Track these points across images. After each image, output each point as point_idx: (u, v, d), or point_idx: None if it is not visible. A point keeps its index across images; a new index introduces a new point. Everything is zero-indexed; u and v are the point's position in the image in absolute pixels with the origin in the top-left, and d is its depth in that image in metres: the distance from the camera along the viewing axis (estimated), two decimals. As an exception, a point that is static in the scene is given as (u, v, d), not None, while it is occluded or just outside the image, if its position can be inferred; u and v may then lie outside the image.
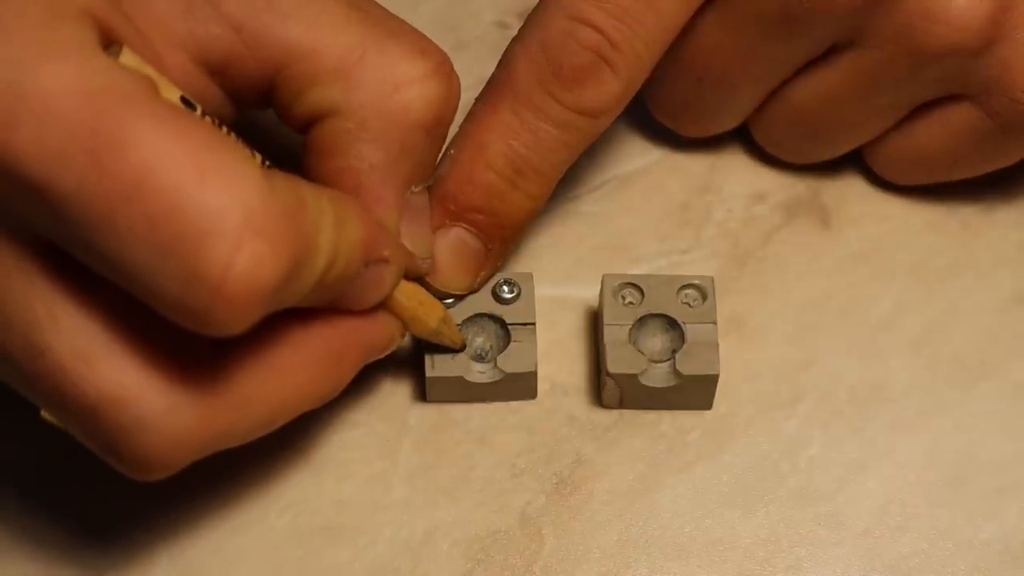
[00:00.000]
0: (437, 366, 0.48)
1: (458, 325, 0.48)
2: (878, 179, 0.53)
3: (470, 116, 0.48)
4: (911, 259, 0.52)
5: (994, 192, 0.53)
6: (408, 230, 0.45)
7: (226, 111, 0.44)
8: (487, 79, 0.48)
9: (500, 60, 0.48)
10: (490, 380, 0.48)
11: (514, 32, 0.48)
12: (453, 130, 0.48)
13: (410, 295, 0.45)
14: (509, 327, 0.48)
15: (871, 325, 0.51)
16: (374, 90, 0.42)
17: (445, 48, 0.44)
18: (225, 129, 0.40)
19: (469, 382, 0.48)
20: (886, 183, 0.53)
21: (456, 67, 0.44)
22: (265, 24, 0.42)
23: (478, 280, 0.48)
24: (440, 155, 0.46)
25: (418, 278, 0.46)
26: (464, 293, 0.48)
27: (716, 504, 0.48)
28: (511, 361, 0.48)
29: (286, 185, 0.38)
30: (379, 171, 0.43)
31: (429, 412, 0.49)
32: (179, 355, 0.39)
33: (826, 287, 0.52)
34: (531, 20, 0.47)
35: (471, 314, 0.48)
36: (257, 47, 0.42)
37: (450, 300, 0.48)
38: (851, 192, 0.53)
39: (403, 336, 0.46)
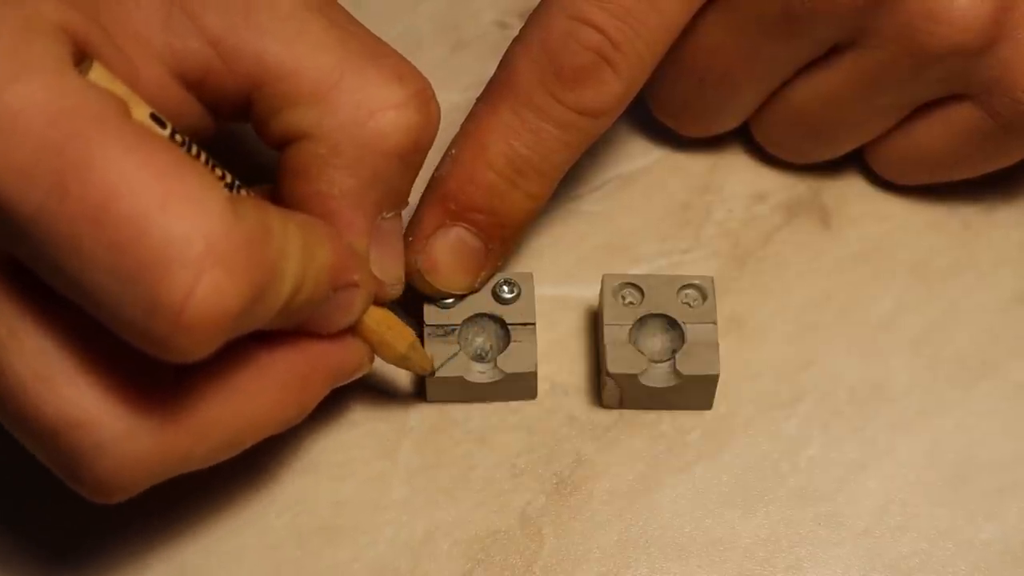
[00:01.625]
0: (437, 366, 0.48)
1: (458, 325, 0.48)
2: (878, 179, 0.53)
3: (471, 116, 0.48)
4: (912, 259, 0.52)
5: (995, 192, 0.53)
6: (378, 256, 0.44)
7: (204, 124, 0.43)
8: (487, 79, 0.48)
9: (501, 60, 0.48)
10: (490, 380, 0.48)
11: (514, 32, 0.48)
12: (453, 131, 0.48)
13: (379, 320, 0.45)
14: (509, 327, 0.48)
15: (871, 325, 0.51)
16: (349, 115, 0.42)
17: (445, 48, 0.44)
18: (195, 149, 0.40)
19: (469, 382, 0.48)
20: (886, 183, 0.53)
21: (456, 67, 0.44)
22: (243, 40, 0.41)
23: (478, 280, 0.48)
24: (415, 177, 0.46)
25: (390, 303, 0.46)
26: (464, 293, 0.48)
27: (716, 504, 0.48)
28: (511, 361, 0.48)
29: (252, 212, 0.38)
30: (350, 197, 0.43)
31: (429, 412, 0.49)
32: (139, 378, 0.39)
33: (826, 287, 0.52)
34: (532, 20, 0.47)
35: (471, 314, 0.48)
36: (234, 63, 0.42)
37: (450, 300, 0.48)
38: (851, 192, 0.53)
39: (371, 361, 0.46)
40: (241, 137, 0.47)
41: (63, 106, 0.36)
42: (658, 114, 0.53)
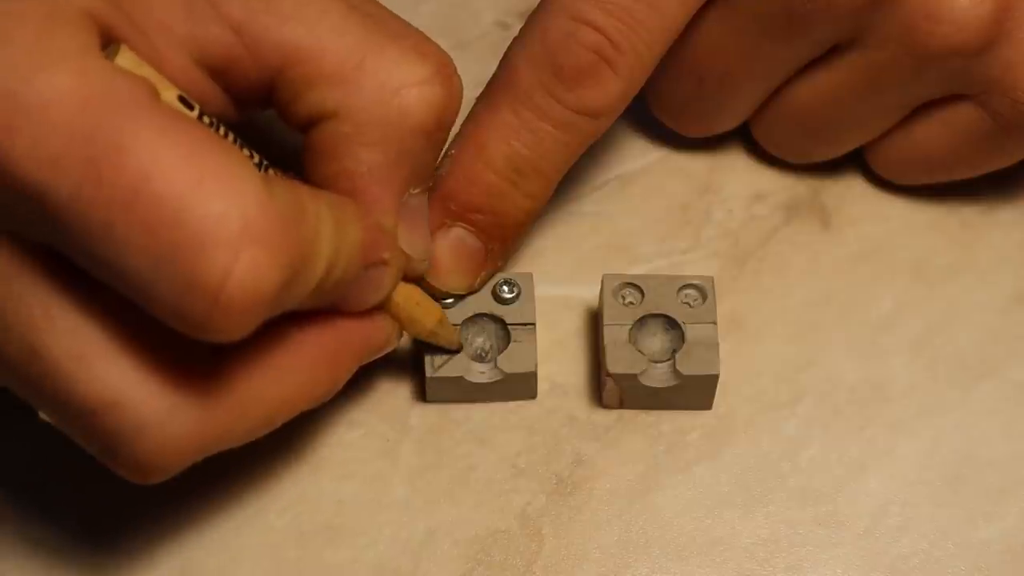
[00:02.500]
0: (437, 366, 0.48)
1: (458, 325, 0.48)
2: (878, 179, 0.53)
3: (471, 116, 0.48)
4: (911, 259, 0.52)
5: (995, 192, 0.53)
6: (406, 232, 0.44)
7: (228, 112, 0.44)
8: (488, 79, 0.48)
9: (501, 60, 0.48)
10: (490, 380, 0.48)
11: (514, 32, 0.48)
12: (454, 131, 0.48)
13: (407, 296, 0.45)
14: (509, 327, 0.48)
15: (871, 325, 0.51)
16: (373, 94, 0.42)
17: (445, 48, 0.44)
18: (223, 131, 0.40)
19: (469, 382, 0.48)
20: (886, 183, 0.53)
21: (456, 67, 0.44)
22: (265, 26, 0.42)
23: (478, 280, 0.48)
24: (440, 155, 0.46)
25: (417, 280, 0.46)
26: (464, 293, 0.48)
27: (716, 504, 0.48)
28: (511, 361, 0.48)
29: (285, 190, 0.38)
30: (377, 174, 0.43)
31: (429, 412, 0.49)
32: (177, 358, 0.39)
33: (826, 287, 0.52)
34: (532, 20, 0.47)
35: (471, 314, 0.48)
36: (257, 49, 0.42)
37: (450, 300, 0.48)
38: (851, 192, 0.53)
39: (400, 337, 0.46)
40: (261, 126, 0.47)
41: (92, 93, 0.36)
42: (658, 114, 0.53)
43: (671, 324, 0.48)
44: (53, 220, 0.36)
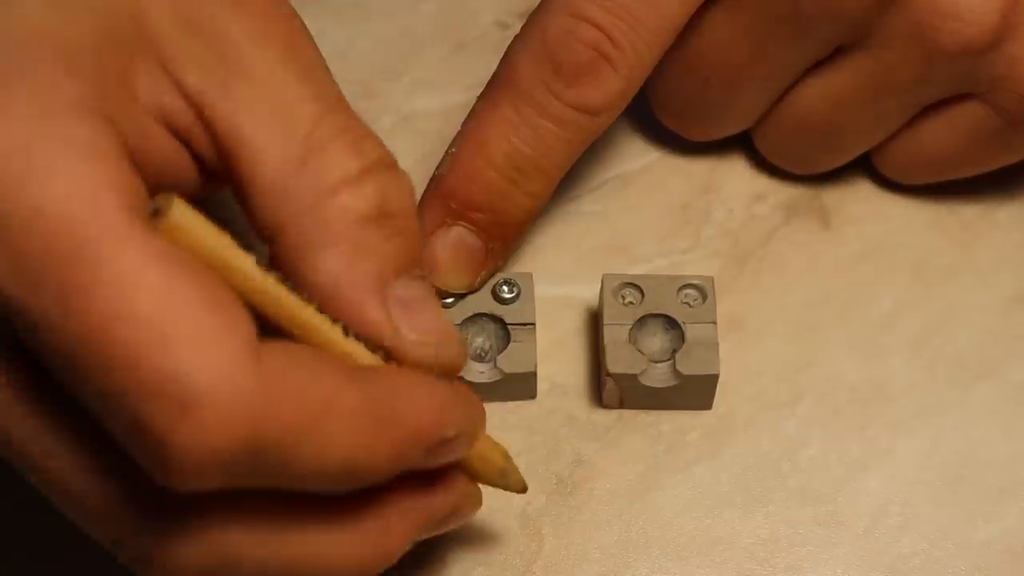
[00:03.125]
0: None
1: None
2: (878, 179, 0.53)
3: (472, 114, 0.48)
4: (911, 259, 0.52)
5: (995, 192, 0.53)
6: (411, 326, 0.40)
7: (199, 183, 0.41)
8: (488, 79, 0.48)
9: (502, 58, 0.48)
10: (490, 380, 0.48)
11: (515, 32, 0.48)
12: (454, 131, 0.48)
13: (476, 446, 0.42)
14: (509, 327, 0.48)
15: (871, 325, 0.51)
16: (311, 199, 0.39)
17: (445, 48, 0.44)
18: (261, 275, 0.37)
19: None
20: (886, 183, 0.53)
21: (456, 67, 0.44)
22: (215, 108, 0.39)
23: (478, 279, 0.48)
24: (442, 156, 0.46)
25: (452, 373, 0.42)
26: (464, 292, 0.48)
27: (716, 504, 0.48)
28: (511, 361, 0.48)
29: (283, 364, 0.36)
30: (344, 276, 0.39)
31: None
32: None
33: (826, 287, 0.52)
34: (533, 18, 0.47)
35: (471, 314, 0.48)
36: (210, 129, 0.39)
37: (450, 300, 0.48)
38: (851, 192, 0.53)
39: (478, 503, 0.43)
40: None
41: (82, 214, 0.34)
42: (662, 117, 0.53)
43: (671, 324, 0.48)
44: (24, 327, 0.35)
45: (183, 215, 0.35)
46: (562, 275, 0.52)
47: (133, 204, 0.35)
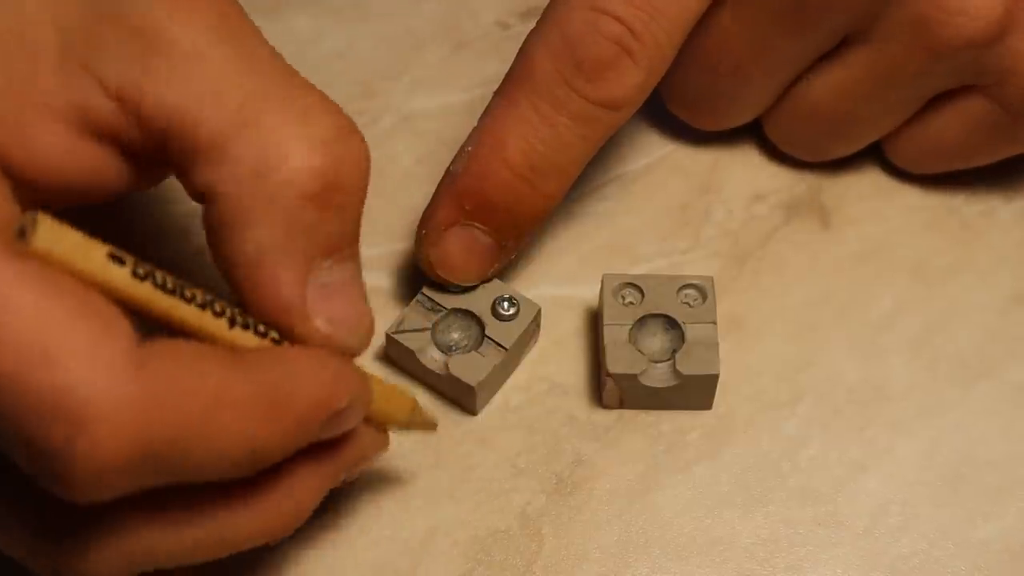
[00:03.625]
0: (397, 329, 0.48)
1: (446, 310, 0.48)
2: (878, 179, 0.53)
3: (488, 110, 0.47)
4: (911, 259, 0.52)
5: (994, 192, 0.53)
6: (326, 310, 0.40)
7: (133, 180, 0.40)
8: (488, 79, 0.48)
9: (519, 52, 0.47)
10: (436, 370, 0.48)
11: (515, 32, 0.48)
12: (454, 131, 0.47)
13: (376, 398, 0.42)
14: (485, 338, 0.48)
15: (871, 325, 0.51)
16: (250, 169, 0.38)
17: (445, 48, 0.44)
18: (170, 283, 0.37)
19: (420, 362, 0.48)
20: (886, 183, 0.53)
21: (456, 67, 0.44)
22: (142, 91, 0.38)
23: (489, 272, 0.48)
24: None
25: (355, 355, 0.42)
26: (475, 284, 0.49)
27: (716, 504, 0.48)
28: (461, 366, 0.48)
29: (168, 366, 0.35)
30: (271, 254, 0.38)
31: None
32: None
33: (826, 287, 0.52)
34: (550, 12, 0.47)
35: (463, 307, 0.49)
36: (138, 116, 0.38)
37: (458, 289, 0.49)
38: (851, 192, 0.53)
39: (386, 444, 0.44)
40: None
41: None
42: (672, 107, 0.53)
43: (671, 324, 0.48)
44: None
45: (48, 232, 0.35)
46: (562, 275, 0.52)
47: (19, 219, 0.35)
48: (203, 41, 0.38)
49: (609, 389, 0.49)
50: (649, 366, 0.48)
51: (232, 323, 0.38)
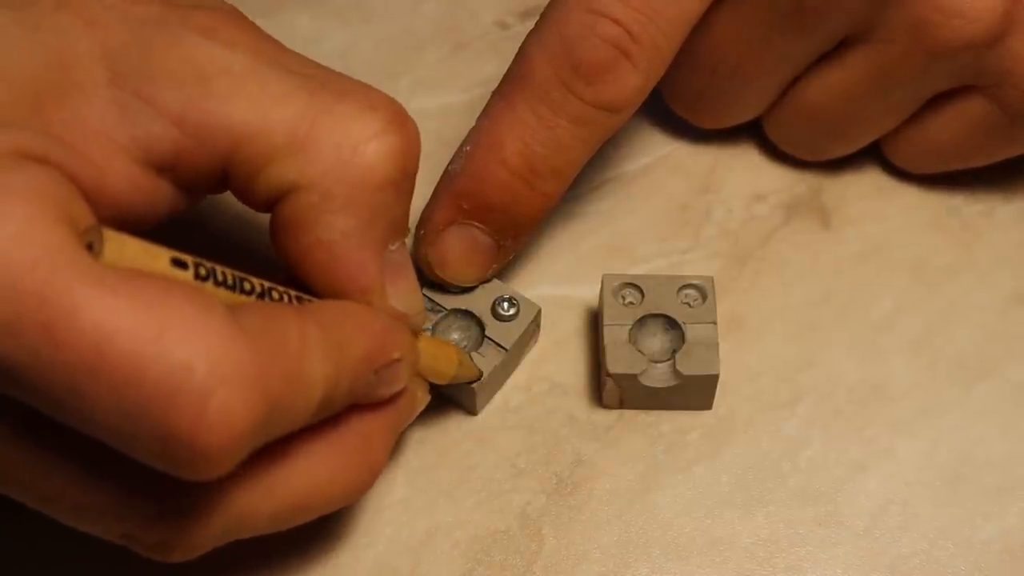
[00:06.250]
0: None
1: (446, 310, 0.48)
2: (878, 179, 0.53)
3: (486, 111, 0.47)
4: (911, 259, 0.52)
5: (994, 192, 0.53)
6: (394, 290, 0.42)
7: (178, 205, 0.42)
8: (488, 79, 0.48)
9: (517, 54, 0.47)
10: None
11: (515, 32, 0.48)
12: (454, 131, 0.48)
13: (425, 355, 0.44)
14: (485, 338, 0.48)
15: (871, 325, 0.51)
16: (332, 156, 0.40)
17: (445, 48, 0.44)
18: (221, 274, 0.38)
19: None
20: (886, 183, 0.53)
21: (456, 67, 0.44)
22: (206, 113, 0.39)
23: (488, 272, 0.48)
24: (457, 154, 0.45)
25: (417, 332, 0.45)
26: (474, 284, 0.49)
27: (716, 504, 0.48)
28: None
29: (259, 323, 0.37)
30: (353, 238, 0.41)
31: (429, 412, 0.49)
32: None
33: (826, 287, 0.52)
34: (549, 14, 0.47)
35: (464, 308, 0.48)
36: (202, 137, 0.39)
37: (456, 289, 0.49)
38: (851, 192, 0.53)
39: (428, 394, 0.45)
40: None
41: (37, 252, 0.34)
42: (672, 105, 0.53)
43: (671, 324, 0.48)
44: (13, 382, 0.35)
45: (114, 244, 0.36)
46: (562, 275, 0.52)
47: (76, 240, 0.35)
48: (251, 63, 0.40)
49: (609, 389, 0.49)
50: (649, 366, 0.48)
51: (264, 295, 0.40)
